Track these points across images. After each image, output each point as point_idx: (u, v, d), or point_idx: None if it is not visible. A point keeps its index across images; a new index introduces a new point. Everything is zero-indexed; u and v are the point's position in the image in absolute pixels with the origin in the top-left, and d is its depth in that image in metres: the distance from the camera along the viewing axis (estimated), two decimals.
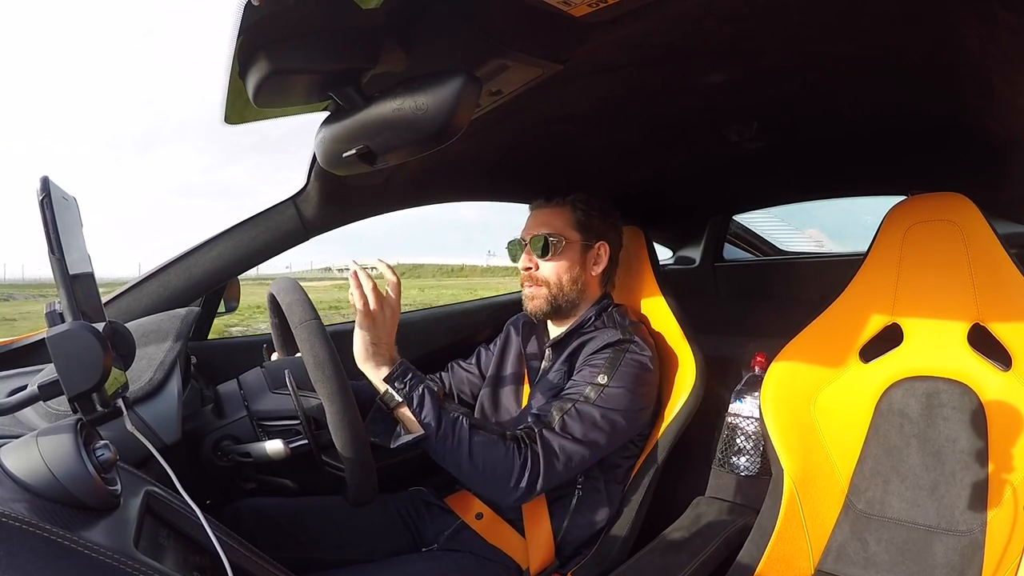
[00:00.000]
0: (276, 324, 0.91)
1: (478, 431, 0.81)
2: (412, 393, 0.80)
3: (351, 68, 0.52)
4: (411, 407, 0.80)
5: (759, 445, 1.06)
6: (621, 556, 0.93)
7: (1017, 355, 0.83)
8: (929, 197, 0.93)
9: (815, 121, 0.97)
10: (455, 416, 0.81)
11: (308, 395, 0.78)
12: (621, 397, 0.90)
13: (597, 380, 0.90)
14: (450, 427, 0.80)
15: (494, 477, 0.81)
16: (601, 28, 0.56)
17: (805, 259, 1.80)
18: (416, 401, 0.80)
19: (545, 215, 1.03)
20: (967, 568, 0.80)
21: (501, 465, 0.81)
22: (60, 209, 0.45)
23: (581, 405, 0.87)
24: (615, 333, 0.96)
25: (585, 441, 0.86)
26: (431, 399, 0.81)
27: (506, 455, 0.81)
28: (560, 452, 0.84)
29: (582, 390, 0.89)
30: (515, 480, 0.81)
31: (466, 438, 0.80)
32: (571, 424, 0.86)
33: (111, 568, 0.37)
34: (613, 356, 0.93)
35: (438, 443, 0.80)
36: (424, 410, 0.80)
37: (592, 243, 1.03)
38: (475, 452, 0.80)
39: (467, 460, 0.80)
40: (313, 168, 0.89)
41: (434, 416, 0.80)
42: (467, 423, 0.81)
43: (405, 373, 0.82)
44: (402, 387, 0.81)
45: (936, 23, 0.63)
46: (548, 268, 1.01)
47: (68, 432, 0.44)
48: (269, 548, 0.62)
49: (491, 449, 0.81)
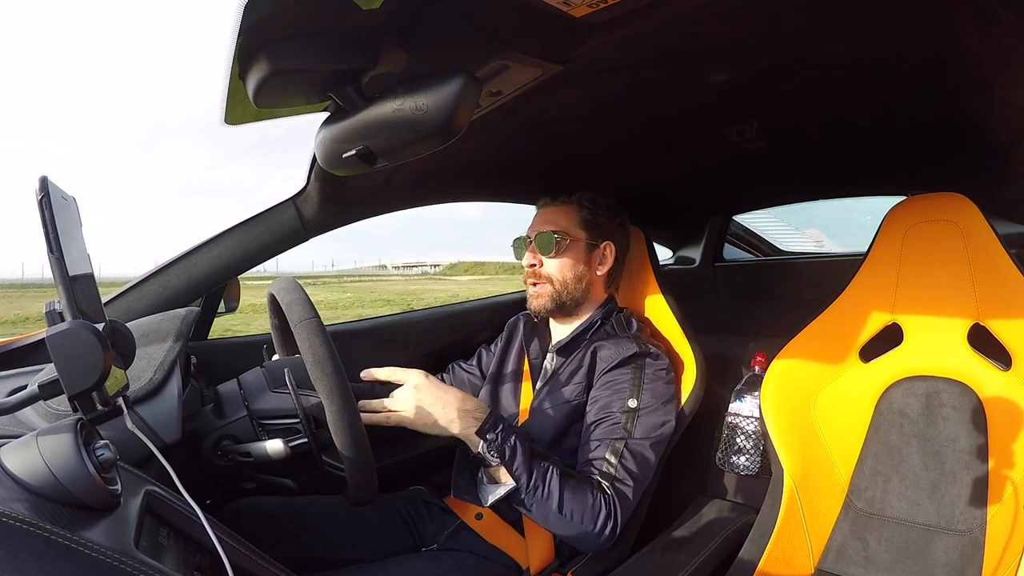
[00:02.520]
0: (276, 325, 0.91)
1: (567, 480, 0.82)
2: (504, 446, 0.81)
3: (351, 68, 0.52)
4: (503, 460, 0.80)
5: (759, 444, 1.06)
6: (621, 555, 0.93)
7: (1017, 355, 0.83)
8: (929, 197, 0.93)
9: (815, 121, 0.97)
10: (546, 467, 0.81)
11: (308, 394, 0.78)
12: (656, 415, 0.91)
13: (628, 406, 0.90)
14: (541, 479, 0.80)
15: (581, 527, 0.81)
16: (601, 28, 0.56)
17: (805, 259, 1.80)
18: (508, 453, 0.80)
19: (551, 213, 1.03)
20: (967, 567, 0.80)
21: (587, 515, 0.81)
22: (59, 209, 0.45)
23: (631, 443, 0.88)
24: (630, 346, 0.95)
25: (642, 478, 0.88)
26: (523, 448, 0.81)
27: (592, 505, 0.82)
28: (631, 495, 0.85)
29: (620, 422, 0.89)
30: (600, 526, 0.81)
31: (556, 489, 0.80)
32: (629, 465, 0.87)
33: (111, 568, 0.37)
34: (634, 374, 0.93)
35: (527, 495, 0.80)
36: (516, 463, 0.80)
37: (598, 242, 1.03)
38: (564, 503, 0.80)
39: (555, 512, 0.80)
40: (313, 168, 0.89)
41: (526, 468, 0.80)
42: (557, 473, 0.81)
43: (496, 423, 0.82)
44: (494, 439, 0.81)
45: (936, 23, 0.63)
46: (552, 265, 1.01)
47: (68, 432, 0.44)
48: (269, 548, 0.62)
49: (579, 499, 0.81)
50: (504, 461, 0.80)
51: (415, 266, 68.36)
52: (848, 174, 1.27)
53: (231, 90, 0.54)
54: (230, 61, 0.50)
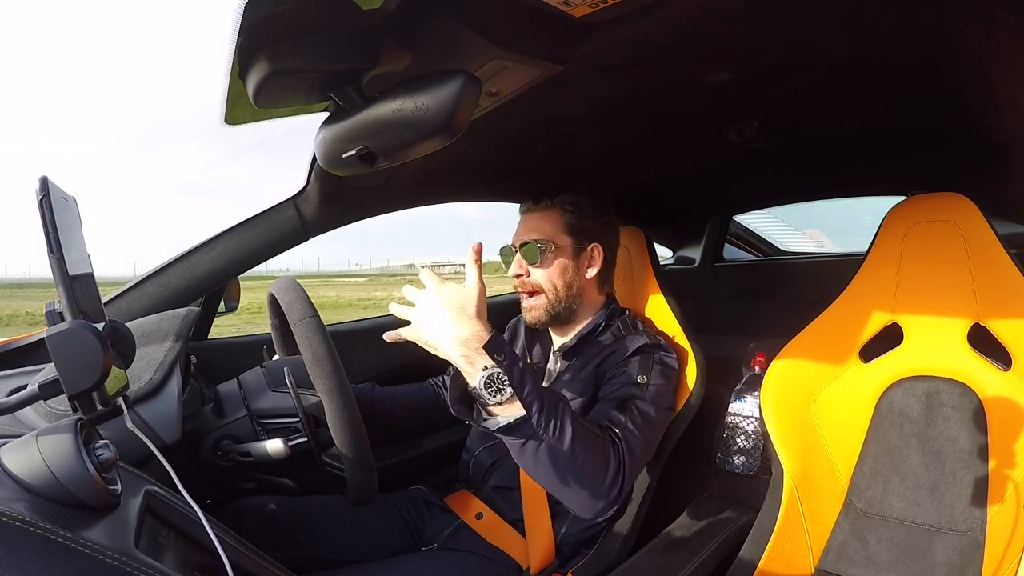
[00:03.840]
0: (276, 326, 0.91)
1: (578, 421, 0.72)
2: (513, 368, 0.68)
3: (351, 68, 0.52)
4: (512, 383, 0.67)
5: (759, 444, 1.06)
6: (621, 555, 0.93)
7: (1017, 355, 0.83)
8: (929, 197, 0.93)
9: (815, 121, 0.97)
10: (558, 398, 0.71)
11: (308, 393, 0.78)
12: (662, 394, 0.91)
13: (637, 380, 0.90)
14: (554, 410, 0.70)
15: (592, 475, 0.73)
16: (601, 28, 0.56)
17: (805, 259, 1.80)
18: (518, 377, 0.68)
19: (534, 220, 1.00)
20: (967, 567, 0.80)
21: (600, 463, 0.73)
22: (59, 209, 0.45)
23: (639, 403, 0.86)
24: (642, 338, 0.95)
25: (649, 440, 0.85)
26: (531, 375, 0.70)
27: (604, 453, 0.75)
28: (638, 453, 0.81)
29: (630, 390, 0.88)
30: (610, 480, 0.74)
31: (570, 424, 0.70)
32: (638, 421, 0.84)
33: (111, 568, 0.37)
34: (644, 359, 0.93)
35: (539, 427, 0.68)
36: (527, 387, 0.68)
37: (584, 245, 1.00)
38: (577, 443, 0.70)
39: (567, 451, 0.69)
40: (313, 168, 0.89)
41: (537, 395, 0.68)
42: (570, 410, 0.72)
43: (502, 343, 0.69)
44: (503, 359, 0.67)
45: (936, 23, 0.63)
46: (539, 275, 0.98)
47: (68, 432, 0.44)
48: (269, 548, 0.62)
49: (592, 444, 0.73)
50: (515, 384, 0.67)
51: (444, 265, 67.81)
52: (848, 174, 1.27)
53: (231, 90, 0.55)
54: (230, 61, 0.50)
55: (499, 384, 0.67)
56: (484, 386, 0.67)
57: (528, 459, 0.71)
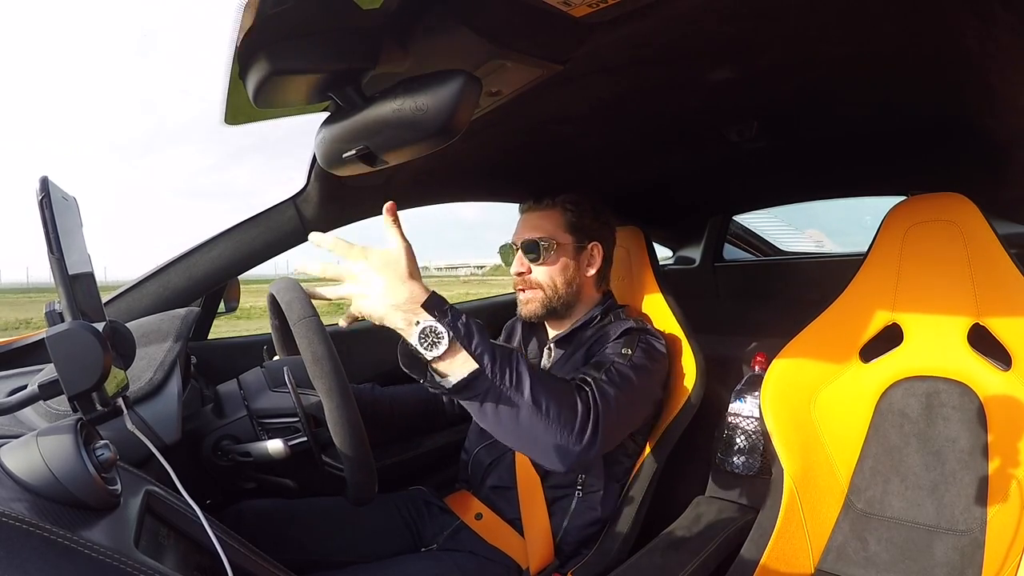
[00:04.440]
0: (276, 326, 0.91)
1: (534, 367, 0.70)
2: (457, 323, 0.65)
3: (351, 68, 0.52)
4: (458, 339, 0.65)
5: (759, 444, 1.06)
6: (621, 555, 0.93)
7: (1017, 355, 0.83)
8: (929, 197, 0.93)
9: (815, 121, 0.97)
10: (510, 351, 0.69)
11: (307, 392, 0.78)
12: (645, 368, 0.90)
13: (621, 351, 0.90)
14: (507, 361, 0.68)
15: (559, 420, 0.70)
16: (601, 28, 0.56)
17: (805, 259, 1.80)
18: (464, 331, 0.65)
19: (535, 218, 1.02)
20: (967, 567, 0.80)
21: (567, 409, 0.71)
22: (60, 209, 0.45)
23: (618, 365, 0.86)
24: (628, 323, 0.97)
25: (629, 399, 0.83)
26: (479, 329, 0.67)
27: (570, 396, 0.72)
28: (614, 402, 0.78)
29: (611, 358, 0.88)
30: (580, 425, 0.71)
31: (527, 374, 0.68)
32: (614, 378, 0.83)
33: (111, 568, 0.37)
34: (631, 338, 0.93)
35: (495, 377, 0.66)
36: (475, 340, 0.66)
37: (584, 244, 1.02)
38: (536, 387, 0.68)
39: (528, 398, 0.67)
40: (313, 168, 0.89)
41: (487, 348, 0.66)
42: (525, 360, 0.70)
43: (442, 301, 0.67)
44: (443, 316, 0.65)
45: (936, 23, 0.63)
46: (541, 272, 1.00)
47: (68, 432, 0.44)
48: (269, 548, 0.62)
49: (556, 389, 0.71)
50: (462, 338, 0.65)
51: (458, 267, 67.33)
52: (848, 174, 1.27)
53: (231, 90, 0.55)
54: (230, 61, 0.50)
55: (433, 337, 0.64)
56: (419, 341, 0.64)
57: (489, 418, 0.68)
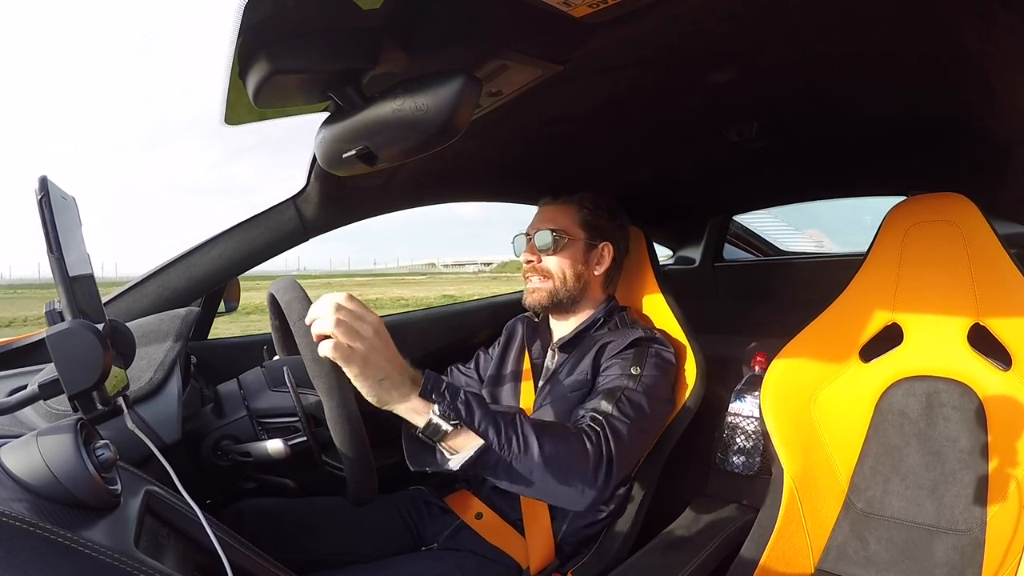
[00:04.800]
0: (276, 326, 0.91)
1: (540, 425, 0.72)
2: (456, 403, 0.67)
3: (351, 68, 0.52)
4: (460, 418, 0.67)
5: (759, 444, 1.06)
6: (621, 555, 0.93)
7: (1017, 355, 0.83)
8: (929, 197, 0.93)
9: (815, 121, 0.97)
10: (512, 414, 0.71)
11: (307, 392, 0.78)
12: (657, 385, 0.91)
13: (631, 371, 0.90)
14: (511, 427, 0.69)
15: (572, 471, 0.72)
16: (601, 28, 0.56)
17: (805, 259, 1.80)
18: (464, 411, 0.67)
19: (552, 211, 1.05)
20: (967, 567, 0.80)
21: (577, 456, 0.72)
22: (59, 208, 0.45)
23: (629, 392, 0.86)
24: (636, 331, 0.97)
25: (641, 428, 0.85)
26: (477, 401, 0.69)
27: (580, 445, 0.74)
28: (627, 437, 0.79)
29: (622, 381, 0.88)
30: (593, 469, 0.73)
31: (532, 433, 0.69)
32: (626, 410, 0.83)
33: (111, 568, 0.37)
34: (639, 352, 0.93)
35: (502, 449, 0.68)
36: (477, 417, 0.67)
37: (596, 242, 1.04)
38: (546, 447, 0.69)
39: (538, 460, 0.69)
40: (313, 168, 0.89)
41: (491, 420, 0.68)
42: (527, 419, 0.71)
43: (438, 381, 0.68)
44: (442, 400, 0.67)
45: (936, 23, 0.63)
46: (551, 261, 1.02)
47: (68, 432, 0.44)
48: (269, 548, 0.62)
49: (564, 442, 0.72)
50: (463, 419, 0.66)
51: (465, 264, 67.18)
52: (848, 174, 1.27)
53: (231, 90, 0.55)
54: (230, 61, 0.50)
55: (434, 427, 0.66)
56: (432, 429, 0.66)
57: (504, 482, 0.70)
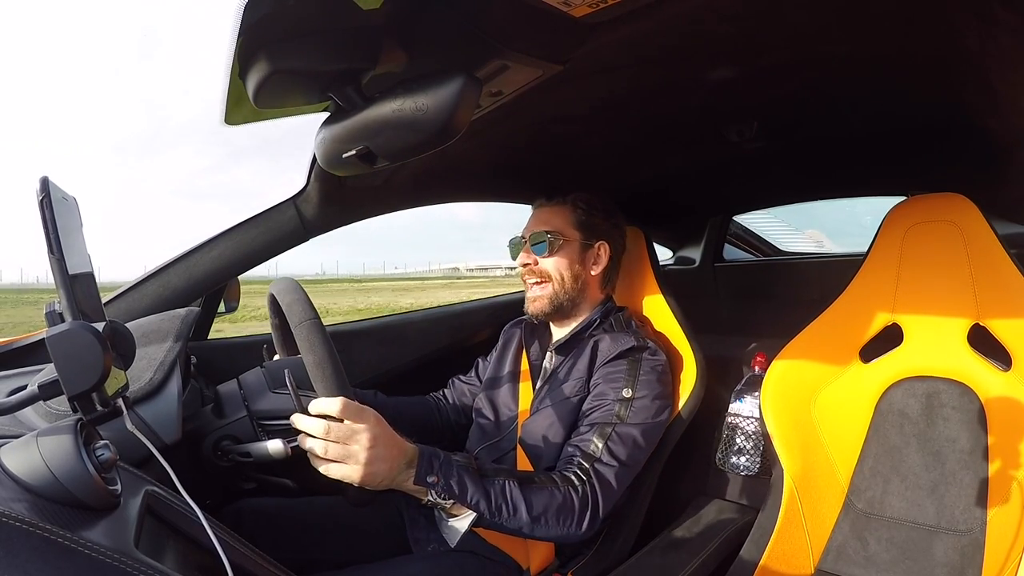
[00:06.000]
0: (276, 325, 0.91)
1: (528, 486, 0.79)
2: (450, 482, 0.74)
3: (351, 68, 0.52)
4: (454, 496, 0.74)
5: (759, 445, 1.06)
6: (621, 555, 0.93)
7: (1017, 355, 0.83)
8: (929, 198, 0.93)
9: (815, 121, 0.97)
10: (501, 482, 0.78)
11: (308, 394, 0.78)
12: (649, 407, 0.91)
13: (623, 395, 0.90)
14: (501, 496, 0.77)
15: (559, 525, 0.80)
16: (601, 28, 0.56)
17: (805, 259, 1.80)
18: (457, 488, 0.74)
19: (546, 213, 1.04)
20: (967, 567, 0.80)
21: (564, 512, 0.80)
22: (60, 209, 0.45)
23: (620, 428, 0.87)
24: (629, 339, 0.96)
25: (631, 463, 0.87)
26: (469, 476, 0.76)
27: (565, 500, 0.80)
28: (614, 480, 0.84)
29: (613, 410, 0.89)
30: (578, 519, 0.80)
31: (520, 500, 0.77)
32: (616, 450, 0.86)
33: (111, 568, 0.37)
34: (630, 366, 0.93)
35: (493, 516, 0.76)
36: (469, 492, 0.75)
37: (592, 242, 1.03)
38: (534, 509, 0.77)
39: (528, 521, 0.77)
40: (313, 169, 0.89)
41: (482, 493, 0.76)
42: (515, 484, 0.78)
43: (431, 463, 0.74)
44: (436, 480, 0.73)
45: (936, 23, 0.63)
46: (548, 264, 1.01)
47: (68, 432, 0.44)
48: (269, 548, 0.62)
49: (549, 500, 0.79)
50: (457, 496, 0.74)
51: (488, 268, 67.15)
52: (848, 174, 1.27)
53: (231, 90, 0.54)
54: (230, 61, 0.50)
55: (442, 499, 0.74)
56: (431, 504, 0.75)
57: (500, 531, 0.79)
